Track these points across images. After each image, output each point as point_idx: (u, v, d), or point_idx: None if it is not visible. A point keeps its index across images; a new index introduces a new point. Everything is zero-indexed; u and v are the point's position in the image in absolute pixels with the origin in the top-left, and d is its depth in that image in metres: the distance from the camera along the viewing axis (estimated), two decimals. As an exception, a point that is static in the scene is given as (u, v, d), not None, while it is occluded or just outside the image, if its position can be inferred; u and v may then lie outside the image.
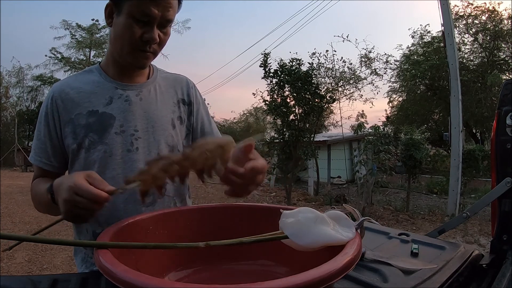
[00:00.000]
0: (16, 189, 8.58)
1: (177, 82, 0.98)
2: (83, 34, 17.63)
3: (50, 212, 0.82)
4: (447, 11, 5.95)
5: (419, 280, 0.57)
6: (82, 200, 0.59)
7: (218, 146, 0.59)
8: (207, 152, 0.58)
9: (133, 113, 0.87)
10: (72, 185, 0.60)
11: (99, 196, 0.59)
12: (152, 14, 0.76)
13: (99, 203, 0.60)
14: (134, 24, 0.77)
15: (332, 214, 0.54)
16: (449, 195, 5.93)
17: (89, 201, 0.59)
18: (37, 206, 0.86)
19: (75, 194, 0.59)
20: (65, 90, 0.87)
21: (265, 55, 6.92)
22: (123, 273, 0.39)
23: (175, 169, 0.58)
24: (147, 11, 0.76)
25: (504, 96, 0.91)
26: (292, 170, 7.32)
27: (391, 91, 15.37)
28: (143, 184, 0.58)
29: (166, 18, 0.79)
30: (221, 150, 0.59)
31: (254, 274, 0.66)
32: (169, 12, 0.79)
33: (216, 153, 0.59)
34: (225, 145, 0.60)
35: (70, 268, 3.52)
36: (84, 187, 0.59)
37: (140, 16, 0.77)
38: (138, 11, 0.76)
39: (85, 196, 0.59)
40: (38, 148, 0.87)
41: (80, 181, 0.60)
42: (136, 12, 0.76)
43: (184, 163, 0.58)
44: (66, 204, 0.61)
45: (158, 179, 0.58)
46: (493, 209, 0.91)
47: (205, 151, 0.58)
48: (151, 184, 0.58)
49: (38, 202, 0.84)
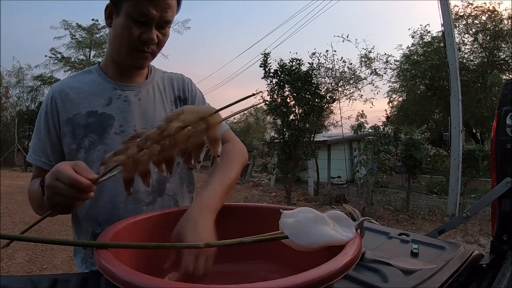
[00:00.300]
0: (16, 189, 8.58)
1: (173, 80, 0.98)
2: (83, 34, 17.63)
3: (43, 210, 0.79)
4: (447, 11, 5.95)
5: (419, 280, 0.57)
6: (61, 185, 0.57)
7: (200, 119, 0.49)
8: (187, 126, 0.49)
9: (132, 114, 0.87)
10: (55, 171, 0.58)
11: (77, 181, 0.56)
12: (150, 15, 0.76)
13: (79, 190, 0.57)
14: (133, 24, 0.77)
15: (332, 214, 0.54)
16: (449, 195, 5.93)
17: (68, 187, 0.57)
18: (33, 206, 0.85)
19: (56, 180, 0.58)
20: (64, 90, 0.87)
21: (265, 55, 6.93)
22: (123, 273, 0.39)
23: (155, 150, 0.51)
24: (145, 11, 0.76)
25: (504, 96, 0.91)
26: (292, 170, 7.32)
27: (391, 91, 15.39)
28: (124, 170, 0.53)
29: (165, 19, 0.79)
30: (204, 125, 0.49)
31: (254, 274, 0.66)
32: (167, 13, 0.79)
33: (199, 128, 0.49)
34: (208, 116, 0.49)
35: (70, 268, 3.52)
36: (65, 172, 0.57)
37: (138, 17, 0.77)
38: (136, 12, 0.76)
39: (65, 182, 0.57)
40: (38, 147, 0.87)
41: (63, 166, 0.58)
42: (134, 12, 0.76)
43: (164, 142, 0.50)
44: (48, 191, 0.59)
45: (140, 163, 0.52)
46: (493, 209, 0.91)
47: (184, 125, 0.49)
48: (133, 169, 0.53)
49: (32, 201, 0.83)
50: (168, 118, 0.51)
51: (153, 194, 0.86)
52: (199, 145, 0.50)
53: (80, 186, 0.57)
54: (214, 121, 0.49)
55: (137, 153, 0.51)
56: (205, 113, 0.49)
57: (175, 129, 0.49)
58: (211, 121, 0.49)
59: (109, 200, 0.83)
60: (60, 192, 0.57)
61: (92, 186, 0.58)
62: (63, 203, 0.59)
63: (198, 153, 0.51)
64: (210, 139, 0.50)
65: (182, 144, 0.50)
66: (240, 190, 9.09)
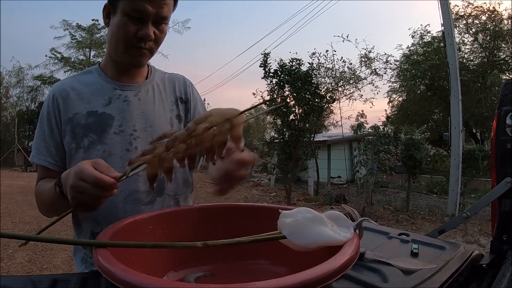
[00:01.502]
0: (16, 189, 8.59)
1: (174, 81, 0.98)
2: (83, 34, 17.64)
3: (56, 210, 0.80)
4: (447, 11, 5.95)
5: (419, 280, 0.57)
6: (86, 185, 0.58)
7: (225, 120, 0.53)
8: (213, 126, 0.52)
9: (131, 113, 0.87)
10: (77, 170, 0.59)
11: (102, 180, 0.57)
12: (145, 11, 0.77)
13: (104, 188, 0.58)
14: (129, 21, 0.78)
15: (330, 214, 0.54)
16: (449, 195, 5.93)
17: (93, 186, 0.58)
18: (42, 207, 0.85)
19: (80, 179, 0.58)
20: (65, 90, 0.88)
21: (265, 55, 6.93)
22: (122, 273, 0.39)
23: (181, 148, 0.53)
24: (140, 8, 0.77)
25: (504, 96, 0.91)
26: (292, 170, 7.32)
27: (391, 91, 15.40)
28: (149, 167, 0.55)
29: (161, 15, 0.80)
30: (229, 125, 0.53)
31: (253, 274, 0.66)
32: (163, 9, 0.79)
33: (224, 128, 0.52)
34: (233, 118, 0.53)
35: (70, 268, 3.52)
36: (88, 172, 0.58)
37: (134, 13, 0.77)
38: (132, 9, 0.77)
39: (89, 181, 0.58)
40: (42, 147, 0.87)
41: (85, 165, 0.59)
42: (129, 9, 0.77)
43: (190, 141, 0.53)
44: (72, 190, 0.60)
45: (165, 160, 0.54)
46: (493, 209, 0.91)
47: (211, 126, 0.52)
48: (158, 166, 0.55)
49: (43, 202, 0.83)
50: (196, 121, 0.54)
51: (152, 194, 0.86)
52: (223, 143, 0.53)
53: (104, 184, 0.58)
54: (238, 121, 0.53)
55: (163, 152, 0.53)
56: (231, 115, 0.53)
57: (202, 130, 0.52)
58: (235, 122, 0.53)
59: (108, 199, 0.83)
60: (85, 191, 0.58)
61: (116, 184, 0.59)
62: (88, 202, 0.60)
63: (221, 150, 0.54)
64: (234, 137, 0.53)
65: (207, 143, 0.53)
66: (240, 190, 9.09)
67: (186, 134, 0.53)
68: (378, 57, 9.90)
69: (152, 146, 0.54)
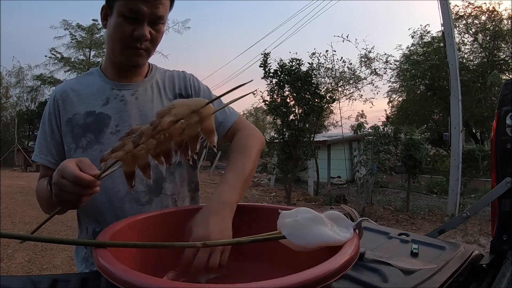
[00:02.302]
0: (16, 189, 8.59)
1: (174, 77, 0.98)
2: (83, 34, 17.64)
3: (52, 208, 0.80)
4: (447, 11, 5.95)
5: (419, 280, 0.57)
6: (66, 183, 0.59)
7: (192, 111, 0.50)
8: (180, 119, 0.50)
9: (128, 113, 0.88)
10: (60, 168, 0.60)
11: (80, 177, 0.57)
12: (140, 11, 0.77)
13: (83, 186, 0.58)
14: (124, 22, 0.78)
15: (330, 214, 0.54)
16: (449, 195, 5.93)
17: (72, 184, 0.58)
18: (42, 205, 0.86)
19: (61, 177, 0.59)
20: (66, 91, 0.90)
21: (265, 55, 6.93)
22: (122, 273, 0.39)
23: (152, 144, 0.52)
24: (135, 8, 0.77)
25: (504, 96, 0.91)
26: (292, 170, 7.32)
27: (391, 91, 15.41)
28: (124, 165, 0.54)
29: (156, 15, 0.80)
30: (197, 117, 0.50)
31: (252, 274, 0.66)
32: (158, 8, 0.79)
33: (193, 121, 0.50)
34: (199, 109, 0.50)
35: (70, 268, 3.52)
36: (68, 170, 0.58)
37: (129, 14, 0.78)
38: (127, 9, 0.77)
39: (69, 179, 0.58)
40: (44, 147, 0.89)
41: (67, 164, 0.60)
42: (125, 10, 0.77)
43: (159, 136, 0.51)
44: (54, 187, 0.61)
45: (139, 157, 0.53)
46: (493, 209, 0.91)
47: (177, 119, 0.50)
48: (132, 163, 0.54)
49: (41, 199, 0.84)
50: (159, 114, 0.52)
51: (149, 194, 0.86)
52: (194, 137, 0.51)
53: (83, 182, 0.58)
54: (207, 112, 0.50)
55: (134, 148, 0.52)
56: (196, 106, 0.50)
57: (167, 124, 0.50)
58: (204, 113, 0.50)
59: (106, 199, 0.83)
60: (66, 189, 0.59)
61: (96, 182, 0.59)
62: (69, 199, 0.60)
63: (195, 145, 0.52)
64: (204, 130, 0.51)
65: (177, 137, 0.51)
66: (240, 190, 9.07)
67: (152, 128, 0.51)
68: (378, 57, 9.92)
69: (121, 143, 0.54)
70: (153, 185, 0.86)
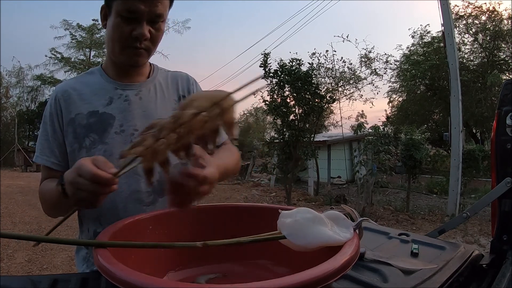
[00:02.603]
0: (16, 189, 8.59)
1: (177, 79, 0.98)
2: (83, 34, 17.65)
3: (60, 209, 0.80)
4: (447, 11, 5.95)
5: (419, 280, 0.57)
6: (83, 181, 0.57)
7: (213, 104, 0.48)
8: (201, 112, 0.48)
9: (132, 113, 0.87)
10: (77, 166, 0.59)
11: (99, 175, 0.56)
12: (138, 11, 0.77)
13: (101, 184, 0.57)
14: (122, 22, 0.78)
15: (330, 214, 0.54)
16: (449, 195, 5.93)
17: (90, 182, 0.57)
18: (47, 207, 0.85)
19: (78, 175, 0.58)
20: (68, 91, 0.88)
21: (265, 55, 6.93)
22: (122, 273, 0.39)
23: (173, 139, 0.50)
24: (133, 7, 0.76)
25: (504, 96, 0.91)
26: (292, 170, 7.32)
27: (391, 91, 15.41)
28: (144, 161, 0.53)
29: (155, 13, 0.79)
30: (219, 109, 0.49)
31: (253, 274, 0.66)
32: (157, 7, 0.79)
33: (214, 114, 0.49)
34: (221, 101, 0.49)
35: (70, 268, 3.52)
36: (85, 167, 0.57)
37: (127, 13, 0.77)
38: (125, 9, 0.77)
39: (86, 177, 0.57)
40: (46, 148, 0.87)
41: (84, 162, 0.59)
42: (123, 10, 0.77)
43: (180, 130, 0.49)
44: (70, 186, 0.60)
45: (158, 152, 0.51)
46: (493, 209, 0.91)
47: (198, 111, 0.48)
48: (152, 159, 0.53)
49: (47, 202, 0.83)
50: (181, 106, 0.50)
51: (153, 195, 0.86)
52: (215, 130, 0.51)
53: (101, 180, 0.57)
54: (228, 104, 0.49)
55: (154, 143, 0.51)
56: (218, 98, 0.49)
57: (189, 116, 0.48)
58: (225, 105, 0.49)
59: (110, 199, 0.82)
60: (83, 187, 0.58)
61: (114, 179, 0.58)
62: (87, 198, 0.59)
63: (214, 138, 0.52)
64: (226, 122, 0.50)
65: (198, 130, 0.50)
66: (240, 190, 9.09)
67: (173, 121, 0.49)
68: (378, 57, 9.92)
69: (142, 138, 0.52)
70: (158, 186, 0.86)
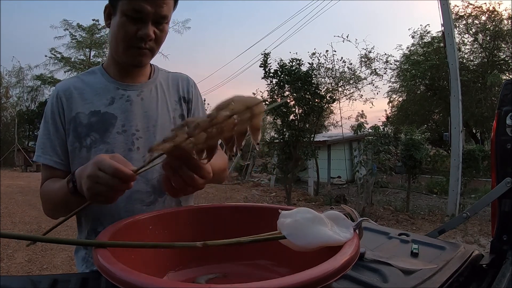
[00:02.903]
0: (16, 189, 8.59)
1: (178, 80, 0.98)
2: (83, 34, 17.65)
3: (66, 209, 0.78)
4: (447, 11, 5.96)
5: (419, 280, 0.57)
6: (104, 175, 0.57)
7: (246, 108, 0.50)
8: (235, 115, 0.50)
9: (134, 113, 0.87)
10: (96, 161, 0.59)
11: (121, 170, 0.57)
12: (144, 11, 0.77)
13: (122, 179, 0.58)
14: (128, 22, 0.78)
15: (330, 214, 0.53)
16: (449, 195, 5.93)
17: (111, 177, 0.57)
18: (49, 207, 0.84)
19: (98, 169, 0.58)
20: (69, 89, 0.88)
21: (265, 55, 6.93)
22: (122, 273, 0.39)
23: (201, 138, 0.51)
24: (139, 8, 0.76)
25: (504, 96, 0.91)
26: (292, 170, 7.32)
27: (391, 91, 15.42)
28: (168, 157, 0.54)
29: (161, 14, 0.79)
30: (249, 114, 0.51)
31: (253, 274, 0.66)
32: (162, 8, 0.79)
33: (245, 117, 0.50)
34: (254, 107, 0.51)
35: (70, 268, 3.52)
36: (107, 162, 0.58)
37: (133, 13, 0.77)
38: (131, 9, 0.77)
39: (108, 171, 0.57)
40: (48, 147, 0.86)
41: (103, 157, 0.59)
42: (128, 9, 0.77)
43: (211, 130, 0.51)
44: (88, 180, 0.59)
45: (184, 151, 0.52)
46: (493, 209, 0.91)
47: (232, 113, 0.50)
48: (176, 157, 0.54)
49: (51, 201, 0.82)
50: (218, 107, 0.51)
51: (153, 195, 0.86)
52: (243, 133, 0.52)
53: (122, 175, 0.57)
54: (258, 110, 0.51)
55: (184, 140, 0.51)
56: (252, 103, 0.50)
57: (224, 117, 0.50)
58: (256, 111, 0.51)
59: None
60: (102, 181, 0.58)
61: (134, 176, 0.58)
62: (105, 192, 0.59)
63: (241, 140, 0.53)
64: (252, 127, 0.52)
65: (228, 132, 0.51)
66: (240, 190, 9.09)
67: (208, 120, 0.50)
68: (378, 57, 9.92)
69: (174, 133, 0.53)
70: (158, 186, 0.86)
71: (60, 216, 0.85)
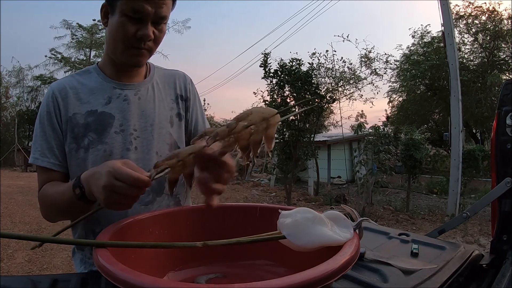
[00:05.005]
0: (16, 189, 8.59)
1: (175, 78, 0.98)
2: (84, 34, 17.65)
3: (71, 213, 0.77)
4: (447, 11, 5.96)
5: (419, 280, 0.57)
6: (121, 185, 0.57)
7: (263, 119, 0.53)
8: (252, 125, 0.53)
9: (131, 113, 0.87)
10: (111, 170, 0.58)
11: (139, 179, 0.56)
12: (144, 11, 0.76)
13: (139, 187, 0.57)
14: (127, 21, 0.77)
15: (330, 214, 0.53)
16: (449, 195, 5.93)
17: (129, 186, 0.57)
18: (51, 212, 0.83)
19: (115, 179, 0.57)
20: (65, 89, 0.86)
21: (265, 55, 6.93)
22: (122, 273, 0.39)
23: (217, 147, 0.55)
24: (139, 8, 0.76)
25: (504, 96, 0.91)
26: (292, 170, 7.32)
27: (391, 91, 15.41)
28: (171, 172, 0.56)
29: (160, 15, 0.79)
30: (265, 124, 0.54)
31: (252, 274, 0.66)
32: (162, 8, 0.79)
33: (261, 127, 0.54)
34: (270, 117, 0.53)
35: (70, 268, 3.52)
36: (124, 171, 0.57)
37: (133, 14, 0.77)
38: (130, 9, 0.76)
39: (125, 181, 0.56)
40: (46, 149, 0.84)
41: (118, 165, 0.58)
42: (128, 10, 0.76)
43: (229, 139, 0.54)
44: (105, 190, 0.59)
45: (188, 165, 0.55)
46: (493, 209, 0.91)
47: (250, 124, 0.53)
48: (180, 172, 0.56)
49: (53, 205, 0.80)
50: (238, 118, 0.54)
51: (152, 194, 0.86)
52: (259, 142, 0.55)
53: (141, 184, 0.57)
54: (274, 121, 0.54)
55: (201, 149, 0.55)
56: (269, 114, 0.54)
57: (242, 127, 0.53)
58: (272, 121, 0.54)
59: None
60: (120, 191, 0.57)
61: (150, 183, 0.58)
62: (123, 201, 0.59)
63: (257, 149, 0.55)
64: (267, 136, 0.55)
65: (244, 141, 0.55)
66: (240, 190, 9.09)
67: (228, 130, 0.54)
68: (378, 57, 9.90)
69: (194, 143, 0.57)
70: (156, 185, 0.86)
71: (60, 219, 0.84)
